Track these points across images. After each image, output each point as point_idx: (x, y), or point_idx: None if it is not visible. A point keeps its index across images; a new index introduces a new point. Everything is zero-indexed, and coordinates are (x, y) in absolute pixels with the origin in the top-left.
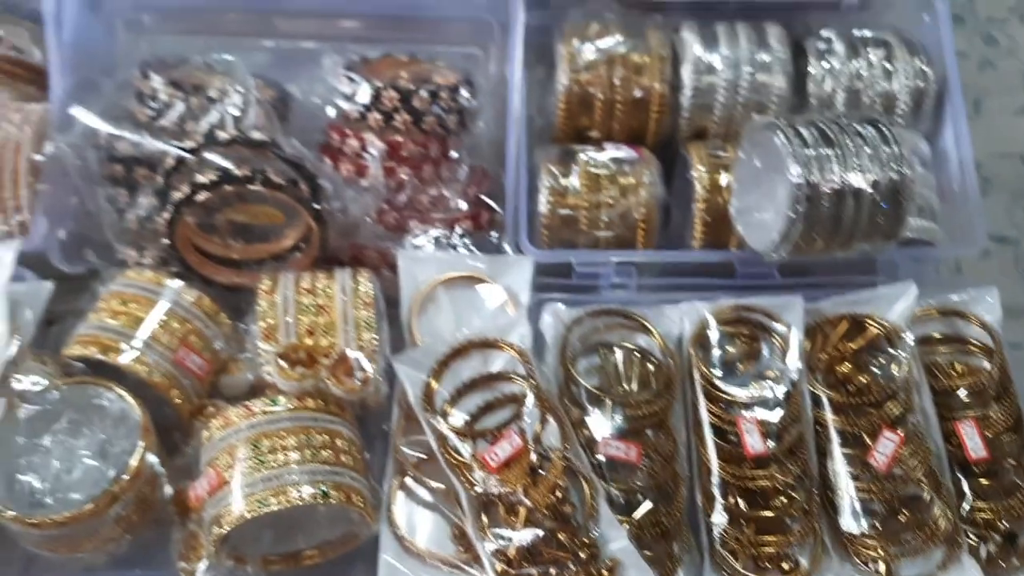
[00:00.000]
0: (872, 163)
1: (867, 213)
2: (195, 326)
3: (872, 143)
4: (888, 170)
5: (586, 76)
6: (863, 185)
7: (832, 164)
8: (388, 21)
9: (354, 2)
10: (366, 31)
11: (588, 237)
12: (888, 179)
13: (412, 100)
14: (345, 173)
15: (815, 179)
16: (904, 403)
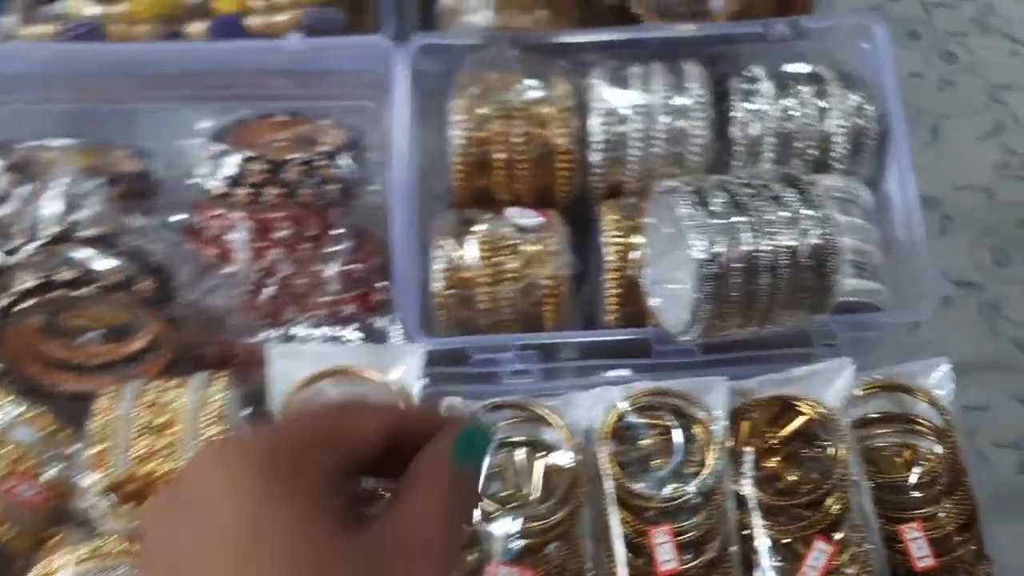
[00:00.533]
0: (790, 229)
1: (787, 286)
2: (28, 449)
3: (790, 206)
4: (809, 236)
5: (482, 133)
6: (779, 255)
7: (742, 234)
8: (273, 77)
9: (234, 58)
10: (249, 89)
11: (489, 317)
12: (809, 246)
13: (283, 171)
14: (209, 257)
15: (722, 251)
16: (840, 503)
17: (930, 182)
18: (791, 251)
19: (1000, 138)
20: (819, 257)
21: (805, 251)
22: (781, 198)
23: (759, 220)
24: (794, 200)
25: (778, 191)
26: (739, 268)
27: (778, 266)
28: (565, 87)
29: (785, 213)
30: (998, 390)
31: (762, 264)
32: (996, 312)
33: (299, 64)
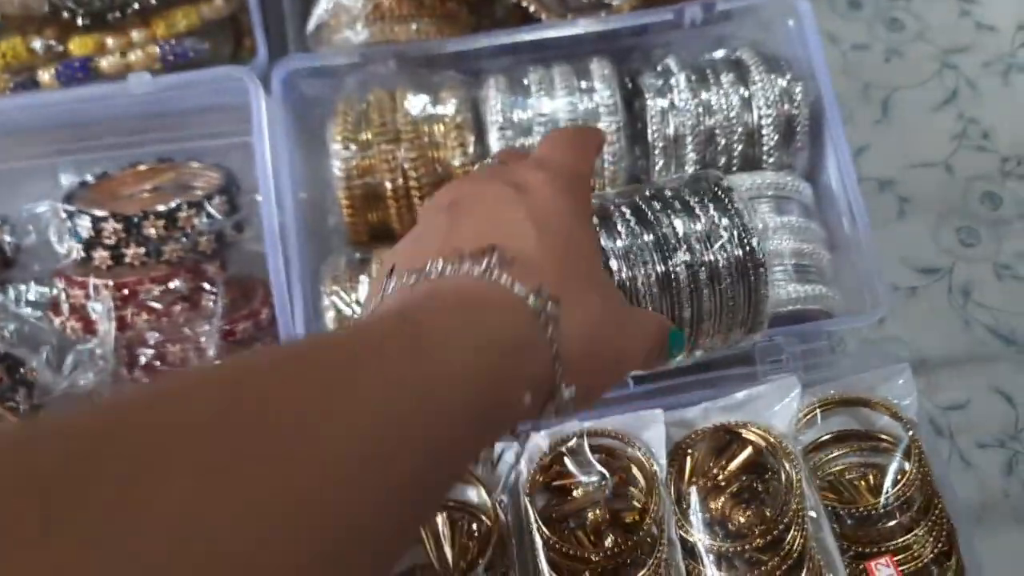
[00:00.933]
0: (705, 244)
1: (711, 306)
2: None
3: (705, 216)
4: (730, 247)
5: (366, 161)
6: (698, 273)
7: (650, 253)
8: (137, 123)
9: (83, 106)
10: (115, 138)
11: None
12: (731, 260)
13: (142, 228)
14: (72, 332)
15: (630, 278)
16: (801, 539)
17: (884, 162)
18: (710, 267)
19: (956, 106)
20: (743, 270)
21: (727, 265)
22: (694, 209)
23: (671, 236)
24: (710, 209)
25: (691, 200)
26: (653, 294)
27: (698, 286)
28: (456, 100)
29: (697, 226)
30: (976, 384)
31: (680, 286)
32: (966, 298)
33: (155, 105)
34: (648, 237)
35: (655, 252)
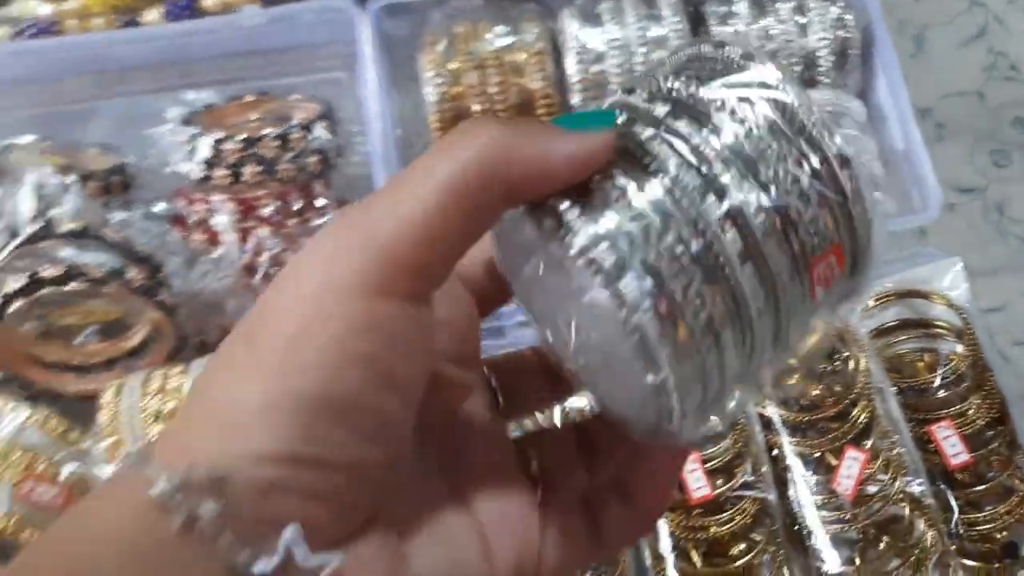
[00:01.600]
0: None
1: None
2: (41, 452)
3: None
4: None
5: (456, 88)
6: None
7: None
8: (238, 59)
9: (196, 46)
10: (214, 74)
11: None
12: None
13: (258, 148)
14: (196, 244)
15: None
16: (867, 412)
17: (920, 93)
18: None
19: (985, 41)
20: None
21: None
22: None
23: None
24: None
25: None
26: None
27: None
28: (536, 30)
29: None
30: (1012, 290)
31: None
32: (1001, 214)
33: (260, 40)
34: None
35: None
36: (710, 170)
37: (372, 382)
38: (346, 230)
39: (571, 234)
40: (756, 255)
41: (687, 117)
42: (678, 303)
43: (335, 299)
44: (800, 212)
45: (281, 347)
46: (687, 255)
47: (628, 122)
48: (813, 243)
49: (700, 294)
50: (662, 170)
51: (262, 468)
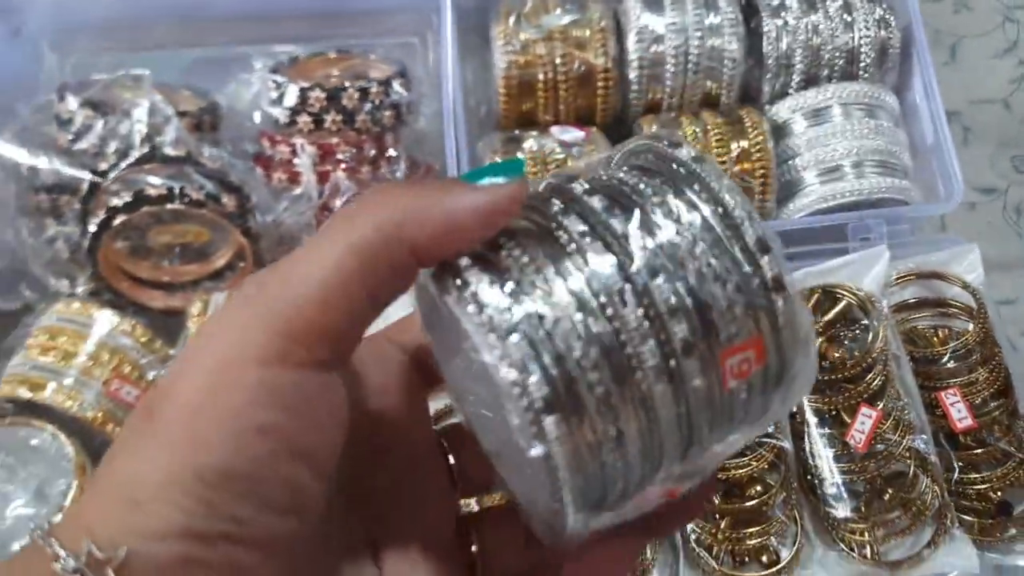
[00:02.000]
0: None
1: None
2: (128, 356)
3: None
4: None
5: (524, 57)
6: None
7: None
8: (318, 18)
9: (282, 1)
10: (296, 30)
11: None
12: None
13: (341, 99)
14: (278, 182)
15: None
16: (882, 376)
17: (950, 98)
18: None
19: (1015, 55)
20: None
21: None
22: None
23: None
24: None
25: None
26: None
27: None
28: (600, 9)
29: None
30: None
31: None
32: (1018, 214)
33: (347, 4)
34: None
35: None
36: (629, 262)
37: (277, 453)
38: (247, 300)
39: (477, 305)
40: (668, 350)
41: (619, 208)
42: (581, 398)
43: (235, 370)
44: (715, 300)
45: (182, 420)
46: (596, 348)
47: (562, 210)
48: (730, 332)
49: (606, 391)
50: (582, 258)
51: (165, 545)
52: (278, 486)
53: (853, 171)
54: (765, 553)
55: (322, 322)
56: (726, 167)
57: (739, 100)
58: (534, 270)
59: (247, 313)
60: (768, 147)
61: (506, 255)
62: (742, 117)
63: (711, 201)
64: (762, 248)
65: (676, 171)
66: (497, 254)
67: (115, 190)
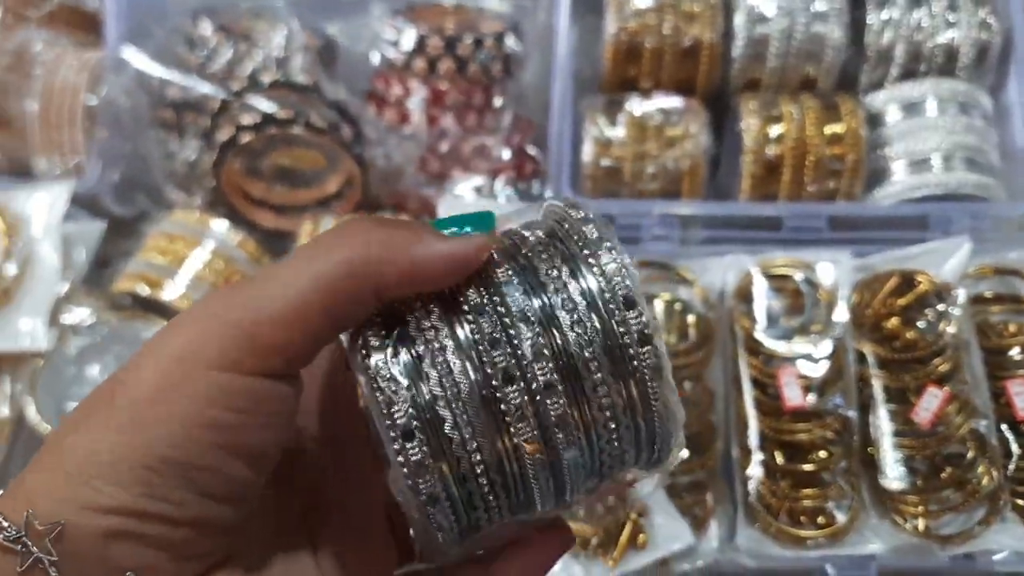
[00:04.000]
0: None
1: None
2: (239, 267)
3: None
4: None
5: (635, 24)
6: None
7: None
8: None
9: None
10: None
11: (632, 189)
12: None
13: (457, 47)
14: (389, 120)
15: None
16: (952, 360)
17: None
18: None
19: None
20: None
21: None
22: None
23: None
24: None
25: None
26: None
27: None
28: None
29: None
30: None
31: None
32: None
33: None
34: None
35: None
36: (519, 352)
37: (218, 447)
38: (213, 306)
39: (369, 361)
40: (538, 400)
41: (525, 288)
42: (455, 460)
43: (191, 369)
44: (580, 354)
45: (135, 408)
46: (476, 422)
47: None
48: (594, 382)
49: (481, 457)
50: (479, 336)
51: (105, 519)
52: (218, 477)
53: (942, 164)
54: (822, 515)
55: (277, 339)
56: (819, 148)
57: (836, 86)
58: (432, 343)
59: (208, 320)
60: (861, 134)
61: (416, 324)
62: (838, 103)
63: (595, 273)
64: (628, 304)
65: (577, 248)
66: (405, 322)
67: (245, 110)
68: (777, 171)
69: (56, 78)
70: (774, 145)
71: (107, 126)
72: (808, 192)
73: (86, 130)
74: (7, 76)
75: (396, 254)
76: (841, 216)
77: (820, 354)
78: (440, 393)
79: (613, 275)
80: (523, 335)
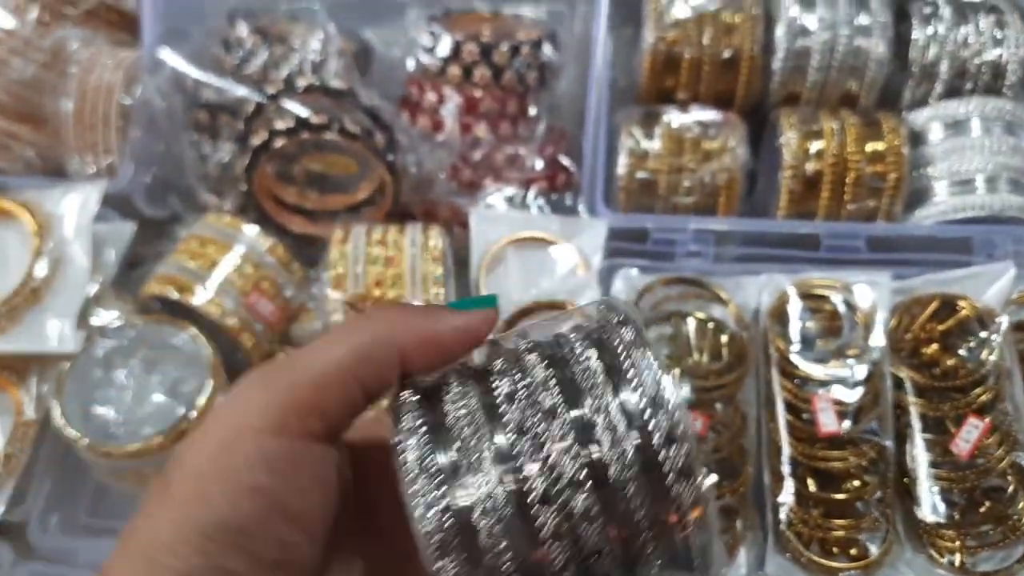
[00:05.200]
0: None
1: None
2: (268, 273)
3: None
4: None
5: (673, 35)
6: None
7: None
8: None
9: None
10: None
11: (667, 203)
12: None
13: (492, 55)
14: (422, 127)
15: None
16: (993, 390)
17: None
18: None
19: None
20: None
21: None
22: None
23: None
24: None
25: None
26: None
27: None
28: None
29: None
30: None
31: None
32: None
33: None
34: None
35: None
36: (556, 471)
37: (268, 512)
38: (260, 379)
39: (407, 457)
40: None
41: (567, 398)
42: (479, 546)
43: (238, 437)
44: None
45: (189, 481)
46: (509, 537)
47: (507, 374)
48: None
49: (514, 567)
50: (517, 449)
51: None
52: (269, 542)
53: (985, 186)
54: (855, 546)
55: (315, 401)
56: (860, 166)
57: (878, 102)
58: (471, 433)
59: (257, 389)
60: (903, 152)
61: (450, 412)
62: (880, 120)
63: (636, 392)
64: (670, 439)
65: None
66: (441, 401)
67: (279, 113)
68: (816, 188)
69: (91, 77)
70: (814, 161)
71: (141, 126)
72: (847, 211)
73: (120, 130)
74: (43, 74)
75: (417, 326)
76: (880, 236)
77: (856, 379)
78: (476, 502)
79: (655, 396)
80: (561, 451)
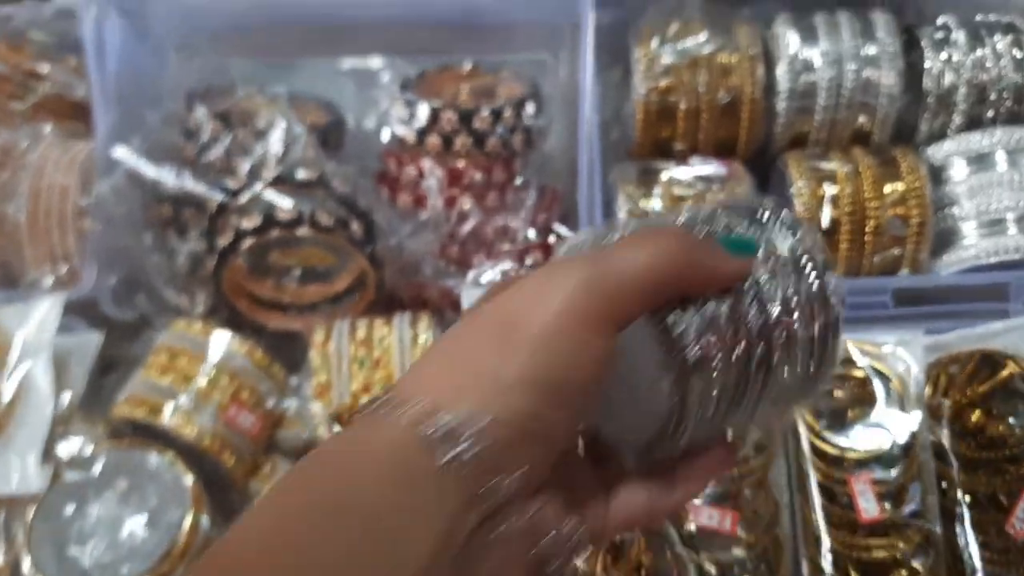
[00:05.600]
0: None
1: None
2: (247, 381)
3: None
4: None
5: (666, 83)
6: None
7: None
8: (450, 30)
9: (412, 12)
10: (427, 42)
11: None
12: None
13: (473, 121)
14: (403, 204)
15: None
16: None
17: None
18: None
19: None
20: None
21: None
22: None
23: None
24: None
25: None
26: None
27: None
28: (750, 35)
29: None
30: None
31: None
32: None
33: (480, 17)
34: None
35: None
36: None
37: (586, 387)
38: (582, 270)
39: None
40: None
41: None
42: (711, 359)
43: (570, 323)
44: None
45: (531, 343)
46: (730, 341)
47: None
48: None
49: (724, 362)
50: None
51: (503, 429)
52: (579, 409)
53: (1017, 226)
54: None
55: (630, 304)
56: (879, 212)
57: (892, 138)
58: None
59: (584, 280)
60: (926, 193)
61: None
62: (896, 158)
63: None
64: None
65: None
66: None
67: (244, 211)
68: (834, 238)
69: (43, 180)
70: (829, 208)
71: (101, 226)
72: (869, 262)
73: (78, 231)
74: None
75: (705, 258)
76: (907, 288)
77: (894, 454)
78: (719, 315)
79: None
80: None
